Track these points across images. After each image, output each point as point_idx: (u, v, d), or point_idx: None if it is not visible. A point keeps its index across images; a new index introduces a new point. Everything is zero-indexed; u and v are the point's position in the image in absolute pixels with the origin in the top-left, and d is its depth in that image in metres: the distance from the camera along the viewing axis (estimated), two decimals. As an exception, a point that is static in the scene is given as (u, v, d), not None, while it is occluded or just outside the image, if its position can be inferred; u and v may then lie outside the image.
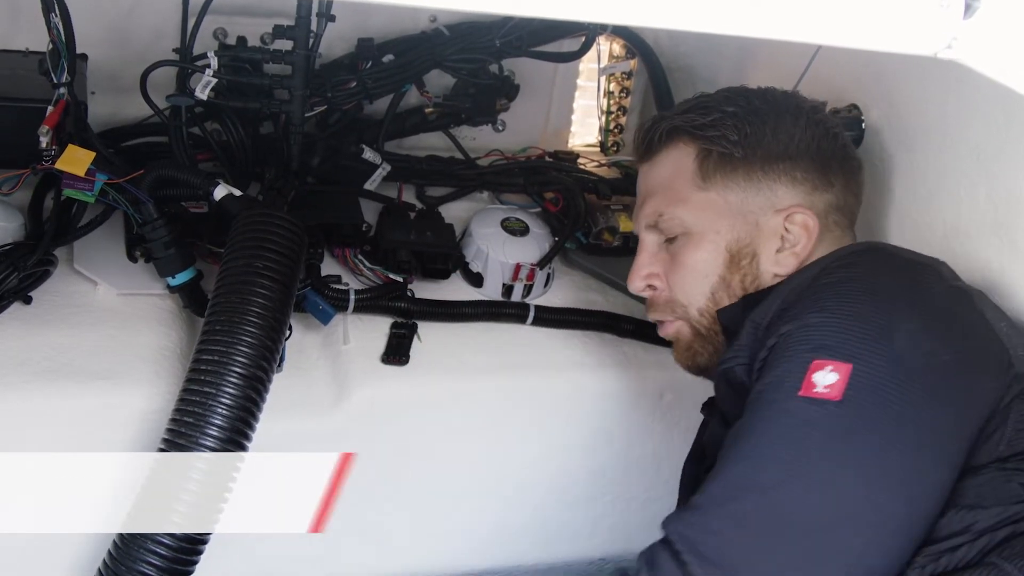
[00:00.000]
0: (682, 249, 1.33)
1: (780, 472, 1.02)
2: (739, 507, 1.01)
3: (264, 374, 1.26)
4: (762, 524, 1.00)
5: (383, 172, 1.79)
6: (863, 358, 1.04)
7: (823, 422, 1.02)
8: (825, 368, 1.04)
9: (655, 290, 1.38)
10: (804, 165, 1.31)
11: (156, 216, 1.43)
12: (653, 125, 1.38)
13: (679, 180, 1.33)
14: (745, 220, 1.30)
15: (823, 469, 1.01)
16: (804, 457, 1.02)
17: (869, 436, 1.02)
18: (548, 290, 1.77)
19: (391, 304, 1.61)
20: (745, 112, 1.32)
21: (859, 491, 1.00)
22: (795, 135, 1.31)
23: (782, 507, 1.00)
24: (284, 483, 1.49)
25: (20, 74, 1.56)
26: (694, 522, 1.02)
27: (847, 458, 1.01)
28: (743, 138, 1.30)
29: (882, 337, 1.06)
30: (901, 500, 1.01)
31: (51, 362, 1.39)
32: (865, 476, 1.01)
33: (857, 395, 1.03)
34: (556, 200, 1.85)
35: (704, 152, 1.32)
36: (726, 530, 1.01)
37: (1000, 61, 0.89)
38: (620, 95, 2.13)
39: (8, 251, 1.44)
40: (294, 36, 1.49)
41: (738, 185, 1.30)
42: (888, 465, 1.01)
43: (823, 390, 1.04)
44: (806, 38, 0.89)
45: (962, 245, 1.33)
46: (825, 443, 1.02)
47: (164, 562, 1.20)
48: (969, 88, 1.34)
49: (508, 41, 1.79)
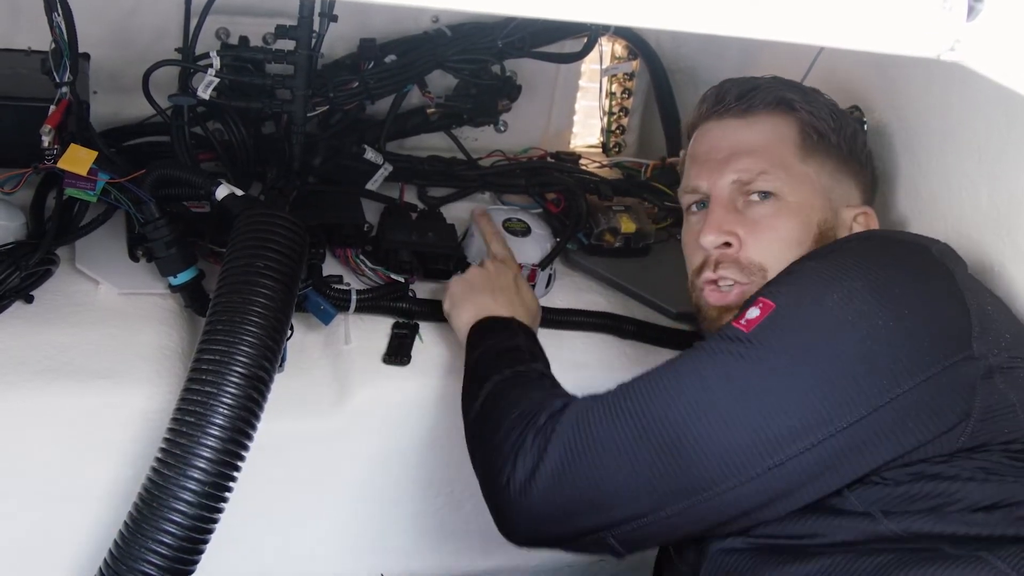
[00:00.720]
0: (776, 214, 1.31)
1: (671, 383, 1.12)
2: (627, 403, 1.12)
3: (265, 374, 1.26)
4: (631, 420, 1.10)
5: (385, 172, 1.79)
6: (790, 301, 1.10)
7: (724, 348, 1.10)
8: (758, 305, 1.11)
9: (729, 247, 1.33)
10: (867, 174, 1.40)
11: (158, 215, 1.43)
12: (753, 87, 1.38)
13: (782, 147, 1.34)
14: (831, 206, 1.34)
15: (702, 390, 1.08)
16: (694, 377, 1.10)
17: (752, 370, 1.07)
18: (549, 291, 1.76)
19: (393, 304, 1.61)
20: (834, 105, 1.39)
21: (720, 419, 1.06)
22: (866, 144, 1.41)
23: (654, 413, 1.10)
24: (284, 481, 1.50)
25: (22, 73, 1.56)
26: (585, 401, 1.17)
27: (725, 386, 1.07)
28: (839, 127, 1.36)
29: (820, 287, 1.10)
30: (757, 439, 1.05)
31: (52, 361, 1.39)
32: (731, 407, 1.06)
33: (763, 332, 1.08)
34: (558, 201, 1.85)
35: (808, 127, 1.35)
36: (605, 415, 1.13)
37: (1003, 63, 0.89)
38: (622, 96, 2.14)
39: (10, 250, 1.44)
40: (296, 36, 1.50)
41: (828, 172, 1.34)
42: (756, 400, 1.06)
43: (743, 323, 1.10)
44: (808, 40, 0.89)
45: (964, 246, 1.32)
46: (715, 368, 1.09)
47: (165, 561, 1.19)
48: (971, 90, 1.34)
49: (510, 42, 1.79)
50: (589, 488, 1.11)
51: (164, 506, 1.20)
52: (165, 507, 1.19)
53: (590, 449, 1.11)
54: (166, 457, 1.21)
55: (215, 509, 1.23)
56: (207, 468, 1.20)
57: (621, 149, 2.18)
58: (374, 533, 1.58)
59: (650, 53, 2.05)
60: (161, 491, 1.20)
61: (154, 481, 1.21)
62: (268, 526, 1.51)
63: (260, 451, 1.27)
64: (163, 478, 1.20)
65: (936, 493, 1.04)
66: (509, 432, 1.19)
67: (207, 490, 1.21)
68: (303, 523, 1.54)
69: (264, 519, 1.50)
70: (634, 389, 1.15)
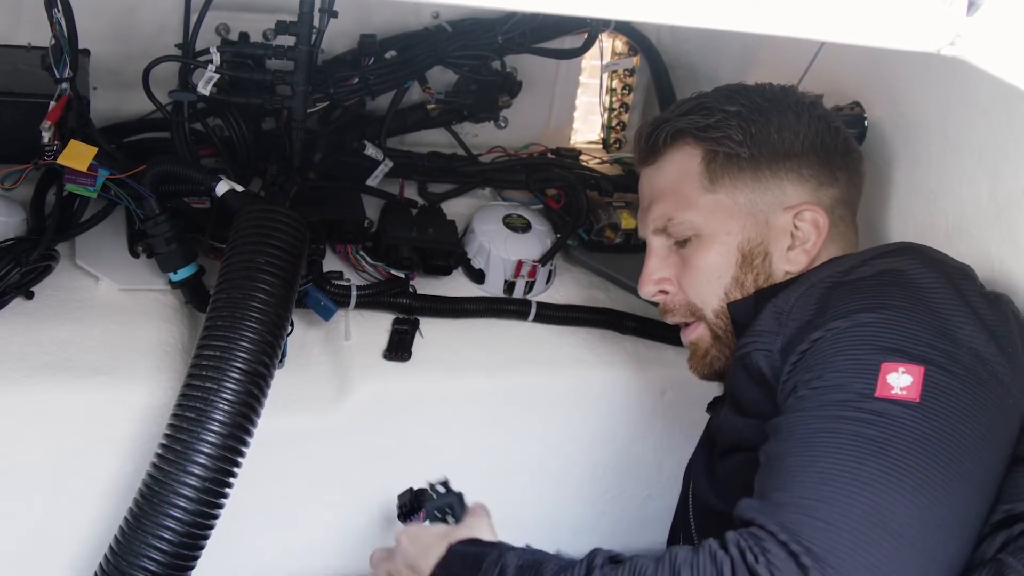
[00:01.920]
0: (694, 252, 1.32)
1: (874, 471, 0.97)
2: (839, 503, 0.95)
3: (266, 370, 1.26)
4: (864, 520, 0.94)
5: (385, 168, 1.79)
6: (934, 362, 1.03)
7: (907, 423, 0.99)
8: (898, 370, 1.02)
9: (667, 295, 1.37)
10: (809, 161, 1.30)
11: (158, 212, 1.43)
12: (655, 128, 1.36)
13: (686, 183, 1.32)
14: (755, 220, 1.30)
15: (913, 472, 0.97)
16: (895, 459, 0.98)
17: (948, 440, 0.99)
18: (550, 287, 1.77)
19: (393, 300, 1.61)
20: (748, 111, 1.31)
21: (946, 496, 0.98)
22: (799, 132, 1.31)
23: (881, 507, 0.95)
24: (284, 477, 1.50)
25: (22, 69, 1.56)
26: (796, 515, 0.95)
27: (934, 462, 0.98)
28: (748, 137, 1.30)
29: (947, 341, 1.05)
30: (976, 503, 1.01)
31: (52, 357, 1.39)
32: (951, 481, 0.98)
33: (934, 397, 1.01)
34: (558, 197, 1.86)
35: (710, 154, 1.31)
36: (833, 522, 0.94)
37: (1003, 58, 0.89)
38: (622, 92, 2.13)
39: (10, 246, 1.44)
40: (296, 32, 1.49)
41: (746, 185, 1.30)
42: (966, 470, 1.00)
43: (900, 392, 1.01)
44: (809, 34, 0.88)
45: (964, 243, 1.32)
46: (912, 445, 0.98)
47: (166, 556, 1.20)
48: (972, 85, 1.33)
49: (510, 37, 1.79)
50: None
51: (165, 501, 1.20)
52: (166, 502, 1.20)
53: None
54: (166, 453, 1.21)
55: (215, 505, 1.23)
56: (207, 464, 1.21)
57: (621, 145, 2.18)
58: (374, 528, 1.58)
59: (650, 49, 2.05)
60: (162, 487, 1.20)
61: (155, 477, 1.21)
62: (268, 521, 1.51)
63: (260, 447, 1.27)
64: (164, 474, 1.21)
65: None
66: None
67: (207, 485, 1.21)
68: (303, 518, 1.54)
69: (264, 514, 1.50)
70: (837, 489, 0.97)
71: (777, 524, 0.94)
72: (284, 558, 1.55)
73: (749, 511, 0.98)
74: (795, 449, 1.02)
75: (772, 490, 1.00)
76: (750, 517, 0.97)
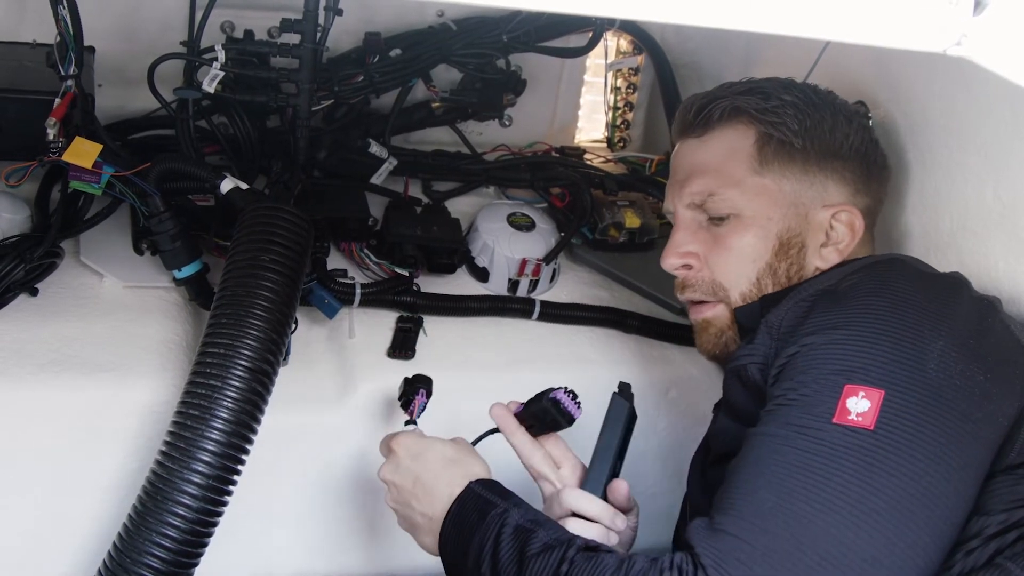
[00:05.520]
0: (732, 232, 1.31)
1: (814, 502, 0.99)
2: (773, 536, 0.98)
3: (270, 367, 1.26)
4: (795, 555, 0.97)
5: (389, 166, 1.79)
6: (896, 384, 1.03)
7: (856, 452, 1.01)
8: (858, 394, 1.03)
9: (690, 270, 1.35)
10: (853, 166, 1.32)
11: (163, 209, 1.44)
12: (709, 101, 1.35)
13: (734, 162, 1.32)
14: (796, 211, 1.30)
15: (856, 502, 0.99)
16: (838, 488, 1.00)
17: (900, 468, 1.00)
18: (554, 285, 1.77)
19: (397, 298, 1.61)
20: (805, 104, 1.32)
21: (889, 527, 0.98)
22: (849, 135, 1.32)
23: (815, 539, 0.97)
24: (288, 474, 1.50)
25: (27, 66, 1.56)
26: (730, 544, 0.99)
27: (879, 491, 0.99)
28: (803, 129, 1.31)
29: (913, 360, 1.05)
30: (928, 533, 1.00)
31: (57, 354, 1.39)
32: (896, 511, 0.99)
33: (889, 424, 1.01)
34: (562, 195, 1.86)
35: (764, 136, 1.31)
36: (757, 559, 0.97)
37: (1009, 58, 0.89)
38: (627, 91, 2.14)
39: (15, 243, 1.44)
40: (301, 30, 1.50)
41: (794, 175, 1.30)
42: (918, 499, 0.99)
43: (856, 418, 1.02)
44: (814, 34, 0.88)
45: (969, 242, 1.32)
46: (858, 474, 1.00)
47: (169, 553, 1.20)
48: (977, 85, 1.33)
49: (515, 36, 1.79)
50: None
51: (168, 499, 1.20)
52: (169, 500, 1.20)
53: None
54: (170, 450, 1.22)
55: (219, 502, 1.23)
56: (211, 461, 1.21)
57: (626, 144, 2.18)
58: (378, 527, 1.58)
59: (655, 48, 2.05)
60: (166, 484, 1.20)
61: (158, 474, 1.21)
62: (270, 519, 1.51)
63: (264, 444, 1.27)
64: (167, 471, 1.21)
65: None
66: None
67: (211, 483, 1.21)
68: (307, 516, 1.54)
69: (266, 512, 1.50)
70: (777, 529, 0.99)
71: (713, 554, 0.98)
72: (286, 556, 1.55)
73: (693, 534, 1.02)
74: (748, 471, 1.05)
75: (718, 511, 1.03)
76: (693, 542, 1.01)
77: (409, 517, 1.23)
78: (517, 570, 1.07)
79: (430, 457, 1.22)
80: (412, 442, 1.25)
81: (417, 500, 1.20)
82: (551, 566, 1.04)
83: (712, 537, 1.00)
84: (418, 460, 1.22)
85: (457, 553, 1.14)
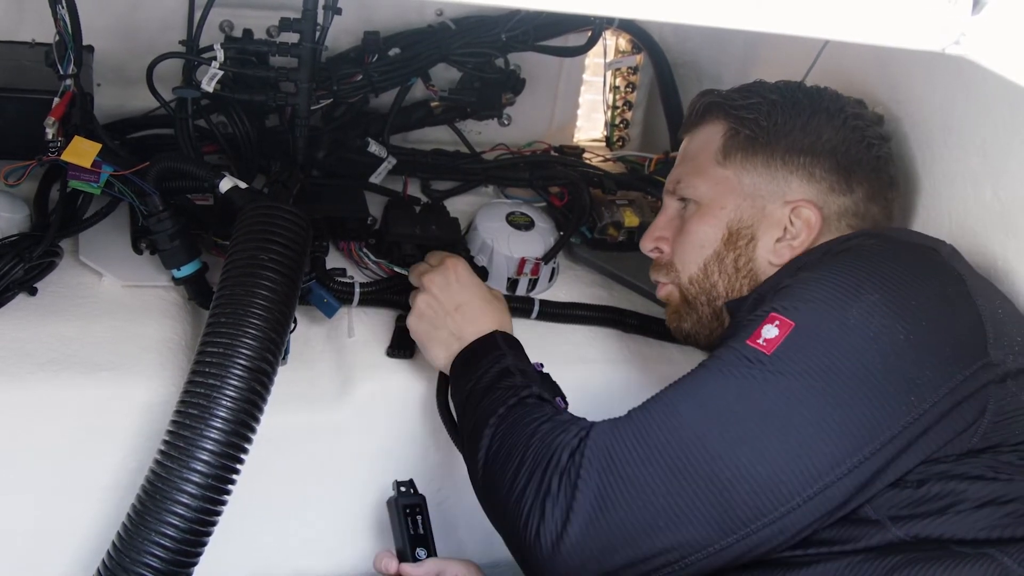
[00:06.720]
0: (691, 217, 1.39)
1: (697, 411, 1.08)
2: (653, 432, 1.09)
3: (269, 367, 1.26)
4: (659, 436, 1.08)
5: (388, 166, 1.79)
6: (810, 321, 1.09)
7: (744, 367, 1.08)
8: (774, 322, 1.09)
9: (660, 253, 1.44)
10: (825, 164, 1.33)
11: (161, 208, 1.43)
12: (698, 99, 1.44)
13: (704, 153, 1.39)
14: (752, 203, 1.34)
15: (732, 419, 1.06)
16: (713, 392, 1.09)
17: (776, 391, 1.06)
18: (553, 285, 1.77)
19: (396, 297, 1.61)
20: (784, 102, 1.36)
21: (757, 450, 1.04)
22: (823, 133, 1.34)
23: (685, 444, 1.06)
24: (287, 474, 1.50)
25: (26, 65, 1.55)
26: (614, 424, 1.13)
27: (757, 414, 1.05)
28: (772, 126, 1.34)
29: (838, 304, 1.09)
30: (797, 468, 1.03)
31: (56, 353, 1.39)
32: (767, 437, 1.04)
33: (787, 354, 1.07)
34: (561, 195, 1.85)
35: (732, 131, 1.37)
36: (628, 438, 1.10)
37: (1008, 57, 0.89)
38: (626, 90, 2.14)
39: (14, 242, 1.44)
40: (300, 29, 1.49)
41: (755, 169, 1.35)
42: (794, 429, 1.04)
43: (762, 343, 1.09)
44: (813, 33, 0.89)
45: (968, 241, 1.32)
46: (737, 385, 1.08)
47: (169, 553, 1.20)
48: (976, 84, 1.33)
49: (514, 35, 1.79)
50: (628, 531, 1.06)
51: (168, 498, 1.20)
52: (169, 499, 1.20)
53: (625, 490, 1.06)
54: (170, 449, 1.21)
55: (218, 501, 1.23)
56: (210, 460, 1.21)
57: (625, 143, 2.18)
58: (377, 526, 1.58)
59: (654, 47, 2.05)
60: (165, 483, 1.20)
61: (158, 473, 1.21)
62: (269, 519, 1.51)
63: (263, 444, 1.27)
64: (167, 470, 1.20)
65: (944, 494, 1.04)
66: (529, 479, 1.12)
67: (210, 482, 1.21)
68: (306, 516, 1.54)
69: (267, 512, 1.50)
70: (657, 418, 1.10)
71: (599, 427, 1.14)
72: (285, 556, 1.55)
73: (603, 422, 1.15)
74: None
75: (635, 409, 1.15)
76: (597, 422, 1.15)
77: (434, 329, 1.41)
78: (484, 392, 1.27)
79: (476, 293, 1.43)
80: (465, 272, 1.45)
81: (452, 320, 1.40)
82: (506, 397, 1.24)
83: (612, 420, 1.14)
84: (466, 290, 1.43)
85: (461, 378, 1.34)
